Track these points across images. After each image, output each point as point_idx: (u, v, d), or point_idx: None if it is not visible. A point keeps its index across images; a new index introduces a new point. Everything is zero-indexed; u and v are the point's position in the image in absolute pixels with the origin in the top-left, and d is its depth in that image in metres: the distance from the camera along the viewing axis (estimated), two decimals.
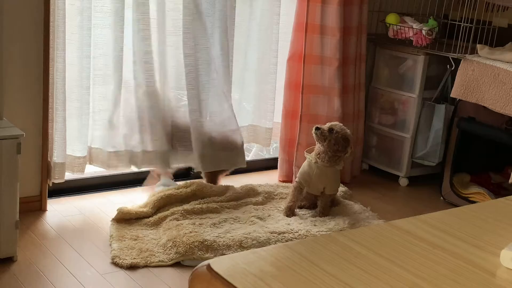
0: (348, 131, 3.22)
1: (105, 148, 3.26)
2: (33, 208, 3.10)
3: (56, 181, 3.15)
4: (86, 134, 3.22)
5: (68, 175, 3.24)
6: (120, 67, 3.19)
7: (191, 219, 3.04)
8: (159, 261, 2.71)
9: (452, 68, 3.70)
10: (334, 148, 3.15)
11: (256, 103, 3.81)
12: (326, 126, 3.20)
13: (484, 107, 3.43)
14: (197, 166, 3.45)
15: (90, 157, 3.28)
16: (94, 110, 3.23)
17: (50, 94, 3.06)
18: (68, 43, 3.05)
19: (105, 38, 3.15)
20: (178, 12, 3.28)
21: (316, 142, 3.22)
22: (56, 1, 2.96)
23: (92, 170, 3.40)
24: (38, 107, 3.05)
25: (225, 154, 3.47)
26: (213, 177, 3.51)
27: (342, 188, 3.52)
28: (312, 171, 3.21)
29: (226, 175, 3.61)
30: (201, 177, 3.56)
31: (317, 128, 3.18)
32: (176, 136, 3.39)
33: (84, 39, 3.08)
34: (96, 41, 3.14)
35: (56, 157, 3.12)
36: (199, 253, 2.75)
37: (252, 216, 3.14)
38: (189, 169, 3.65)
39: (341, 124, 3.24)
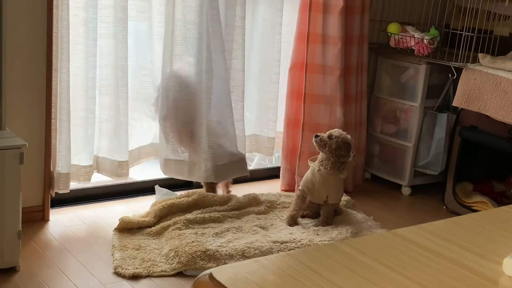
0: (348, 135, 3.22)
1: (111, 157, 3.27)
2: (35, 218, 3.10)
3: (61, 191, 3.15)
4: (92, 143, 3.22)
5: (73, 186, 3.24)
6: (125, 77, 3.20)
7: (193, 228, 3.04)
8: (162, 271, 2.71)
9: (454, 77, 3.70)
10: (336, 153, 3.16)
11: (258, 112, 3.82)
12: (326, 134, 3.21)
13: (486, 115, 3.43)
14: (203, 177, 3.45)
15: (97, 166, 3.29)
16: (101, 120, 3.24)
17: (53, 104, 3.07)
18: (73, 53, 3.06)
19: (110, 48, 3.17)
20: (186, 23, 3.30)
21: (317, 150, 3.23)
22: (59, 12, 2.97)
23: (94, 180, 3.40)
24: (40, 117, 3.06)
25: (228, 164, 3.48)
26: (214, 187, 3.52)
27: (344, 197, 3.51)
28: (315, 179, 3.22)
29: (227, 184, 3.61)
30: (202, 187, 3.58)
31: (316, 136, 3.20)
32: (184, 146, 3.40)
33: (89, 50, 3.10)
34: (101, 51, 3.16)
35: (60, 167, 3.12)
36: (202, 262, 2.75)
37: (254, 226, 3.13)
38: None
39: (340, 130, 3.25)
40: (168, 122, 3.34)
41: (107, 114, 3.24)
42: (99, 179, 3.44)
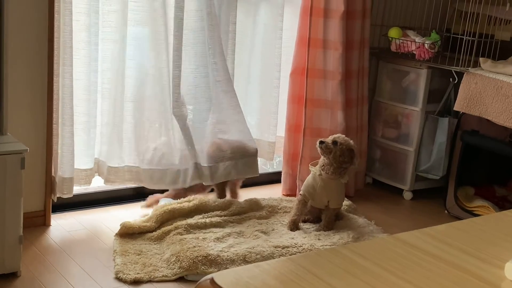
0: (351, 141, 3.23)
1: (108, 163, 3.27)
2: (37, 223, 3.10)
3: (65, 196, 3.15)
4: (93, 147, 3.23)
5: (74, 190, 3.24)
6: (123, 82, 3.20)
7: (195, 233, 3.04)
8: (163, 276, 2.71)
9: (455, 82, 3.70)
10: (340, 160, 3.16)
11: (260, 117, 3.82)
12: (329, 139, 3.21)
13: (488, 120, 3.43)
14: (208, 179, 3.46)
15: (98, 169, 3.29)
16: (102, 124, 3.24)
17: (54, 109, 3.08)
18: (75, 58, 3.06)
19: (112, 53, 3.17)
20: (191, 28, 3.31)
21: (320, 155, 3.23)
22: (62, 18, 2.98)
23: (95, 185, 3.40)
24: (42, 122, 3.07)
25: (239, 163, 3.49)
26: (233, 187, 3.52)
27: (346, 202, 3.51)
28: (316, 184, 3.21)
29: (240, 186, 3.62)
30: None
31: (321, 142, 3.19)
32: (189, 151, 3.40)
33: (92, 54, 3.10)
34: (103, 56, 3.16)
35: (63, 172, 3.12)
36: (203, 267, 2.74)
37: (255, 230, 3.13)
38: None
39: (344, 136, 3.25)
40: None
41: (108, 119, 3.24)
42: (100, 184, 3.44)
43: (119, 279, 2.67)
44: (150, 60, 3.27)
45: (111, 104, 3.22)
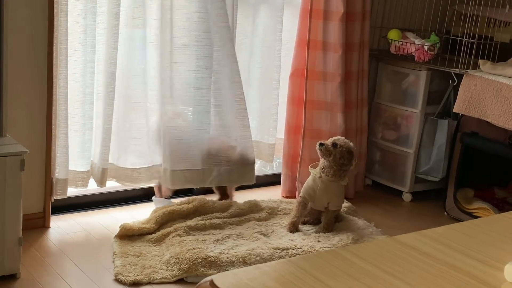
0: (351, 143, 3.23)
1: (97, 164, 3.27)
2: (36, 225, 3.10)
3: (58, 197, 3.15)
4: (89, 149, 3.22)
5: (71, 192, 3.24)
6: (118, 83, 3.20)
7: (194, 235, 3.04)
8: (162, 277, 2.71)
9: (455, 83, 3.70)
10: (339, 162, 3.16)
11: (259, 119, 3.82)
12: (329, 141, 3.21)
13: (487, 122, 3.43)
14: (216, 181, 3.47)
15: (93, 172, 3.29)
16: (98, 125, 3.24)
17: (53, 111, 3.08)
18: (71, 60, 3.06)
19: (105, 55, 3.17)
20: (184, 29, 3.31)
21: (320, 157, 3.23)
22: (58, 19, 2.98)
23: (95, 187, 3.40)
24: (41, 124, 3.07)
25: (236, 169, 3.49)
26: (224, 191, 3.53)
27: (345, 204, 3.51)
28: (317, 186, 3.21)
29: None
30: (201, 194, 3.58)
31: (321, 144, 3.19)
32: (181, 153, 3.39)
33: (88, 56, 3.10)
34: (99, 57, 3.16)
35: (58, 173, 3.12)
36: (202, 269, 2.74)
37: (255, 232, 3.13)
38: None
39: (343, 138, 3.26)
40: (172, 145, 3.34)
41: (101, 120, 3.24)
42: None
43: (118, 281, 2.67)
44: (148, 61, 3.27)
45: (102, 106, 3.21)
